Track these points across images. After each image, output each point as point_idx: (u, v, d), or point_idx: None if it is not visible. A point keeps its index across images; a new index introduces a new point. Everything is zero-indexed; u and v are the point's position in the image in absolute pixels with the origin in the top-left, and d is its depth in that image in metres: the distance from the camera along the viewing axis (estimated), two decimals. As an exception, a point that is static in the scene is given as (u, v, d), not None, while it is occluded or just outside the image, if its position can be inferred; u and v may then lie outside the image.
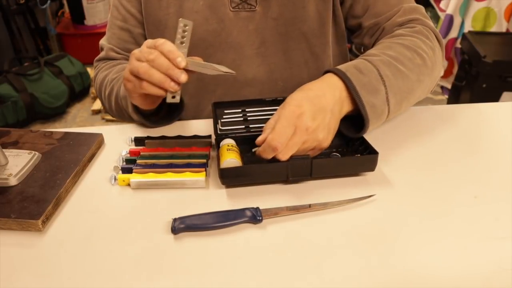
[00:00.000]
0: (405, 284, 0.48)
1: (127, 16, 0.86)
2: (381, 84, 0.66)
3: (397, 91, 0.68)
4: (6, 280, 0.50)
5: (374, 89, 0.66)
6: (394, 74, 0.68)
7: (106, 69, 0.86)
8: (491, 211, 0.57)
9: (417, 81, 0.71)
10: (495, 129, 0.77)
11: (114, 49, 0.88)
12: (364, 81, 0.65)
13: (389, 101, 0.67)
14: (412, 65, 0.71)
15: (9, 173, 0.62)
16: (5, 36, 2.65)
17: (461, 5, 2.31)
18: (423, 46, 0.74)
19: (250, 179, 0.62)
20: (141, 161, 0.66)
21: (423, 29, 0.77)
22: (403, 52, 0.72)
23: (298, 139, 0.59)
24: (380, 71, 0.67)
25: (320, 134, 0.61)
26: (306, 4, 0.80)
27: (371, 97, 0.65)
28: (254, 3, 0.80)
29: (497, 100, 1.99)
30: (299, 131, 0.59)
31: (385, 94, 0.66)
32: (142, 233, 0.56)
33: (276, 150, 0.58)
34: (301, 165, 0.61)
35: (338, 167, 0.63)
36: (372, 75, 0.66)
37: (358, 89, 0.64)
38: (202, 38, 0.82)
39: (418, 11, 0.81)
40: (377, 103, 0.65)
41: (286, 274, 0.49)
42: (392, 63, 0.69)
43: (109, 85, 0.82)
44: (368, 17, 0.81)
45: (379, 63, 0.68)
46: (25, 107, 2.33)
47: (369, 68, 0.67)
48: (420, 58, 0.73)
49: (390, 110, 0.68)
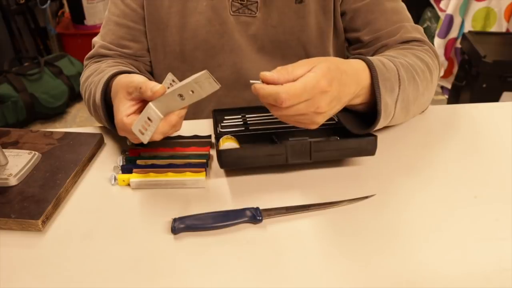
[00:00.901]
0: (405, 284, 0.48)
1: (127, 11, 0.84)
2: (397, 86, 0.65)
3: (405, 97, 0.67)
4: (6, 280, 0.50)
5: (392, 88, 0.64)
6: (409, 79, 0.67)
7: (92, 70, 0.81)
8: (491, 211, 0.57)
9: (421, 95, 0.71)
10: (495, 129, 0.77)
11: (106, 46, 0.84)
12: (386, 77, 0.64)
13: (397, 105, 0.66)
14: (423, 77, 0.71)
15: (9, 173, 0.62)
16: (5, 36, 2.65)
17: (461, 5, 2.31)
18: (431, 64, 0.74)
19: (249, 162, 0.61)
20: (141, 161, 0.66)
21: (430, 50, 0.77)
22: (417, 63, 0.71)
23: (304, 110, 0.55)
24: (399, 72, 0.66)
25: (321, 119, 0.58)
26: (306, 14, 0.80)
27: (386, 94, 0.64)
28: (254, 9, 0.80)
29: (497, 100, 1.99)
30: (310, 106, 0.55)
31: (396, 96, 0.65)
32: (142, 233, 0.56)
33: (279, 104, 0.54)
34: (300, 147, 0.60)
35: (338, 151, 0.63)
36: (392, 74, 0.65)
37: (380, 84, 0.62)
38: (204, 40, 0.81)
39: (419, 31, 0.81)
40: (389, 102, 0.64)
41: (286, 274, 0.49)
42: (409, 69, 0.68)
43: (88, 88, 0.77)
44: (368, 32, 0.80)
45: (399, 65, 0.67)
46: (25, 107, 2.33)
47: (391, 66, 0.66)
48: (429, 73, 0.72)
49: (394, 115, 0.67)
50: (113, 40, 0.85)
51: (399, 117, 0.69)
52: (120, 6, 0.84)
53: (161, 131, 0.58)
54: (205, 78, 0.53)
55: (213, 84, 0.54)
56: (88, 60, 0.87)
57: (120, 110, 0.60)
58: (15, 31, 2.68)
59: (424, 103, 0.75)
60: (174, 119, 0.58)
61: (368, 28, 0.80)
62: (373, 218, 0.57)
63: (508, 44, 2.15)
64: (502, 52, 2.04)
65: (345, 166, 0.67)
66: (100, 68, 0.79)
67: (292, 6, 0.80)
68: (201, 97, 0.55)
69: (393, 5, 0.79)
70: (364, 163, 0.67)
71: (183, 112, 0.59)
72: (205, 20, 0.80)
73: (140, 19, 0.84)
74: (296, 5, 0.80)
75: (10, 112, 2.28)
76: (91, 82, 0.76)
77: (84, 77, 0.82)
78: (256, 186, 0.63)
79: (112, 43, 0.85)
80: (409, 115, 0.73)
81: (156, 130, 0.57)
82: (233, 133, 0.70)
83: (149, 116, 0.56)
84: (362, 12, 0.80)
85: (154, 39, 0.85)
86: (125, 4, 0.84)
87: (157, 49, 0.86)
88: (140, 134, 0.57)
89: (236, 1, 0.79)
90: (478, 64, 1.97)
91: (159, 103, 0.56)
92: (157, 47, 0.86)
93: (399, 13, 0.80)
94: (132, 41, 0.85)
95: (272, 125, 0.73)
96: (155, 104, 0.56)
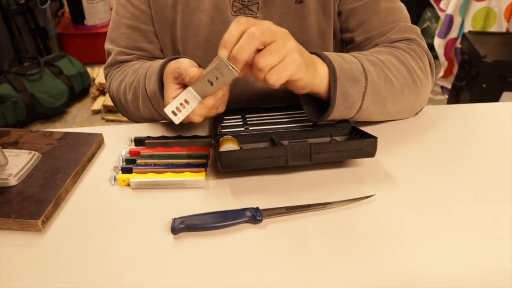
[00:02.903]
0: (405, 284, 0.48)
1: (137, 13, 0.83)
2: (363, 77, 0.66)
3: (376, 90, 0.67)
4: (6, 280, 0.50)
5: (354, 77, 0.65)
6: (378, 73, 0.68)
7: (120, 75, 0.83)
8: (490, 211, 0.57)
9: (400, 92, 0.71)
10: (495, 129, 0.77)
11: (123, 51, 0.85)
12: (344, 67, 0.65)
13: (365, 97, 0.66)
14: (398, 74, 0.71)
15: (9, 173, 0.62)
16: (5, 36, 2.65)
17: (461, 5, 2.31)
18: (413, 64, 0.74)
19: (249, 164, 0.61)
20: (141, 161, 0.66)
21: (417, 49, 0.77)
22: (391, 60, 0.71)
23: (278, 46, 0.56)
24: (363, 65, 0.67)
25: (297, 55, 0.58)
26: (307, 15, 0.80)
27: (347, 83, 0.64)
28: (255, 10, 0.80)
29: (497, 100, 2.00)
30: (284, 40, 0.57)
31: (363, 88, 0.66)
32: (142, 233, 0.56)
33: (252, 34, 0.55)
34: (300, 149, 0.61)
35: (338, 152, 0.63)
36: (354, 65, 0.66)
37: (337, 71, 0.64)
38: (206, 39, 0.81)
39: (414, 31, 0.80)
40: (352, 92, 0.65)
41: (286, 274, 0.49)
42: (378, 64, 0.69)
43: (129, 91, 0.79)
44: (361, 33, 0.80)
45: (363, 59, 0.68)
46: (25, 107, 2.33)
47: (352, 59, 0.67)
48: (407, 71, 0.72)
49: (362, 107, 0.67)
50: (128, 44, 0.85)
51: (371, 110, 0.70)
52: (130, 9, 0.83)
53: (199, 113, 0.61)
54: (223, 64, 0.56)
55: (232, 71, 0.57)
56: (109, 69, 0.88)
57: (167, 94, 0.63)
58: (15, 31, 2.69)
59: (410, 102, 0.74)
60: (210, 102, 0.60)
61: (361, 28, 0.80)
62: (373, 218, 0.57)
63: (508, 44, 2.15)
64: (502, 52, 2.04)
65: (345, 166, 0.67)
66: (131, 69, 0.80)
67: (293, 7, 0.80)
68: (225, 83, 0.59)
69: (388, 5, 0.79)
70: (364, 163, 0.67)
71: (219, 94, 0.61)
72: (208, 19, 0.80)
73: (151, 20, 0.84)
74: (296, 6, 0.80)
75: (10, 112, 2.29)
76: (130, 83, 0.78)
77: (114, 84, 0.84)
78: (256, 186, 0.63)
79: (128, 47, 0.85)
80: (388, 112, 0.73)
81: (195, 112, 0.61)
82: (233, 133, 0.70)
83: (187, 99, 0.60)
84: (357, 12, 0.80)
85: (163, 39, 0.85)
86: (135, 7, 0.83)
87: (167, 48, 0.86)
88: (173, 115, 0.60)
89: (237, 1, 0.79)
90: (478, 64, 1.97)
91: (196, 87, 0.59)
92: (166, 46, 0.86)
93: (395, 14, 0.79)
94: (147, 42, 0.85)
95: (272, 126, 0.73)
96: (194, 88, 0.59)
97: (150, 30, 0.85)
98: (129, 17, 0.84)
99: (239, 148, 0.64)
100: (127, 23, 0.84)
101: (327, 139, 0.70)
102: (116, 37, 0.85)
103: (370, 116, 0.72)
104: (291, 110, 0.76)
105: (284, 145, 0.61)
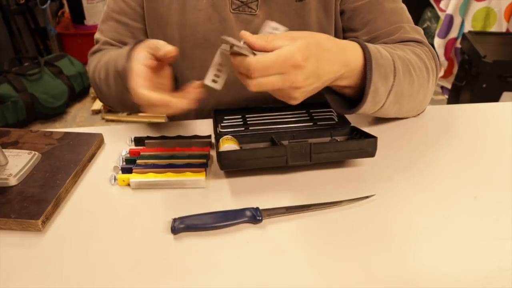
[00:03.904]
0: (405, 284, 0.48)
1: (126, 9, 0.84)
2: (392, 76, 0.65)
3: (399, 90, 0.67)
4: (6, 280, 0.50)
5: (386, 75, 0.64)
6: (404, 72, 0.67)
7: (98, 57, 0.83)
8: (491, 211, 0.57)
9: (416, 93, 0.71)
10: (495, 129, 0.77)
11: (109, 42, 0.86)
12: (380, 63, 0.64)
13: (390, 96, 0.66)
14: (420, 73, 0.71)
15: (9, 173, 0.62)
16: (5, 36, 2.65)
17: (461, 5, 2.31)
18: (429, 64, 0.74)
19: (249, 164, 0.62)
20: (141, 161, 0.66)
21: (428, 51, 0.77)
22: (415, 59, 0.71)
23: (279, 84, 0.56)
24: (395, 63, 0.66)
25: (298, 95, 0.58)
26: (307, 13, 0.80)
27: (379, 81, 0.63)
28: (255, 7, 0.80)
29: (497, 100, 2.00)
30: (285, 80, 0.55)
31: (391, 86, 0.65)
32: (142, 233, 0.56)
33: (249, 75, 0.54)
34: (300, 149, 0.61)
35: (338, 152, 0.63)
36: (387, 62, 0.65)
37: (373, 67, 0.63)
38: (204, 37, 0.81)
39: (419, 32, 0.80)
40: (382, 90, 0.64)
41: (286, 274, 0.49)
42: (406, 62, 0.69)
43: (103, 68, 0.78)
44: (366, 32, 0.80)
45: (395, 56, 0.67)
46: (25, 107, 2.33)
47: (387, 55, 0.66)
48: (426, 71, 0.72)
49: (384, 105, 0.67)
50: (114, 37, 0.86)
51: (390, 109, 0.69)
52: (120, 4, 0.84)
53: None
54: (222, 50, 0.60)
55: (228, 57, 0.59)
56: (92, 55, 0.88)
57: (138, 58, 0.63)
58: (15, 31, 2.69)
59: (419, 103, 0.75)
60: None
61: (367, 28, 0.80)
62: (373, 218, 0.57)
63: (508, 44, 2.15)
64: (502, 52, 2.04)
65: (345, 166, 0.67)
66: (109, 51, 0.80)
67: (293, 5, 0.80)
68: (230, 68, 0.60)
69: (392, 6, 0.79)
70: (364, 163, 0.67)
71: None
72: (205, 18, 0.80)
73: (139, 17, 0.85)
74: (296, 3, 0.80)
75: (10, 112, 2.29)
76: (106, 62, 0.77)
77: (92, 65, 0.84)
78: (256, 186, 0.63)
79: (114, 40, 0.86)
80: (401, 111, 0.73)
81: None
82: (233, 133, 0.70)
83: (221, 62, 0.61)
84: (361, 11, 0.79)
85: (154, 37, 0.85)
86: (125, 2, 0.84)
87: None
88: (214, 83, 0.61)
89: None
90: (478, 64, 1.97)
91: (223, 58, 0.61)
92: None
93: (399, 14, 0.80)
94: (132, 38, 0.86)
95: (272, 126, 0.73)
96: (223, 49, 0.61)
97: (137, 27, 0.85)
98: (118, 11, 0.85)
99: (239, 148, 0.64)
100: (115, 17, 0.85)
101: (327, 139, 0.70)
102: (105, 28, 0.87)
103: (385, 114, 0.71)
104: (291, 110, 0.76)
105: (284, 145, 0.62)
